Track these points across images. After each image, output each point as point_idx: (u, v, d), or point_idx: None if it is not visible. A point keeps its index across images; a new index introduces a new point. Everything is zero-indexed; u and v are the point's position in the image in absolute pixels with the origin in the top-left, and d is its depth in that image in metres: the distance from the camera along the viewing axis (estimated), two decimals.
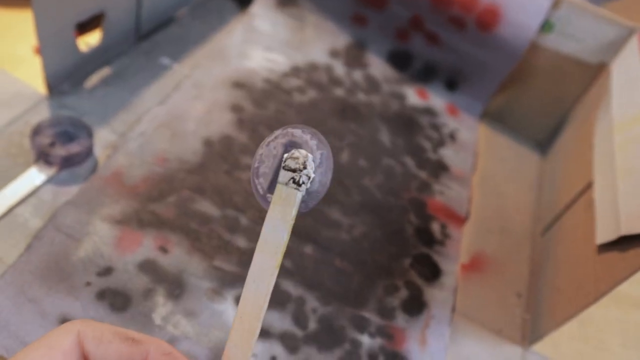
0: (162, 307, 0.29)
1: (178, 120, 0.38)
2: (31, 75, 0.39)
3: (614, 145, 0.35)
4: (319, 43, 0.48)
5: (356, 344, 0.31)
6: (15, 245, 0.30)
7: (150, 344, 0.20)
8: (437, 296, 0.35)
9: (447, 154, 0.44)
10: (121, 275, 0.29)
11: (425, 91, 0.49)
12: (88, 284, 0.29)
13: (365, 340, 0.31)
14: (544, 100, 0.47)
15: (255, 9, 0.49)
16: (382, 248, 0.36)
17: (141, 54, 0.43)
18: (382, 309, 0.33)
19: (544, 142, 0.49)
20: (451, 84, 0.49)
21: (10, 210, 0.31)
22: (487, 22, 0.44)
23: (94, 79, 0.40)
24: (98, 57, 0.41)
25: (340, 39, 0.49)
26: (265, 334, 0.29)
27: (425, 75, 0.49)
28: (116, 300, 0.28)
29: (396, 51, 0.49)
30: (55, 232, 0.30)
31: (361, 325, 0.31)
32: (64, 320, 0.27)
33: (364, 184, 0.39)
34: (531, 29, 0.43)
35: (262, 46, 0.46)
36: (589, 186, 0.37)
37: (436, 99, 0.48)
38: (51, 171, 0.33)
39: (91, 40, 0.43)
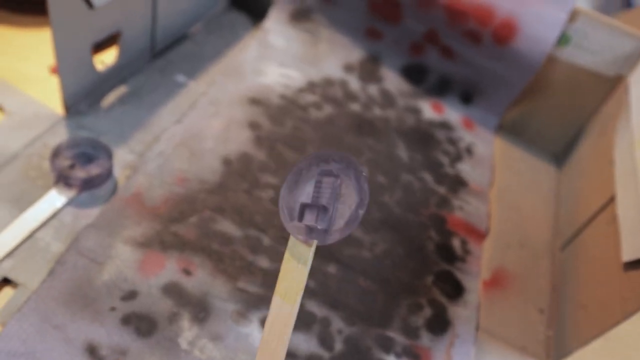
0: (187, 331, 0.28)
1: (196, 138, 0.38)
2: (48, 96, 0.39)
3: (637, 159, 0.35)
4: (333, 58, 0.48)
5: None
6: (37, 271, 0.29)
7: None
8: (460, 314, 0.34)
9: (465, 168, 0.44)
10: (145, 299, 0.29)
11: (441, 105, 0.48)
12: (113, 309, 0.28)
13: None
14: (559, 113, 0.47)
15: (268, 24, 0.49)
16: (404, 265, 0.35)
17: (156, 71, 0.43)
18: (407, 328, 0.32)
19: (559, 155, 0.49)
20: (466, 98, 0.48)
21: (32, 234, 0.31)
22: (504, 35, 0.44)
23: (110, 98, 0.40)
24: (114, 76, 0.41)
25: (355, 54, 0.49)
26: (291, 356, 0.29)
27: (440, 88, 0.49)
28: (142, 325, 0.28)
29: (411, 65, 0.49)
30: (78, 257, 0.30)
31: (387, 346, 0.31)
32: (89, 346, 0.27)
33: (384, 200, 0.39)
34: (548, 43, 0.43)
35: (277, 62, 0.46)
36: (610, 201, 0.36)
37: (451, 113, 0.48)
38: (71, 193, 0.33)
39: (106, 58, 0.43)
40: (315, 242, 0.21)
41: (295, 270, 0.21)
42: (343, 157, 0.21)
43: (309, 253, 0.21)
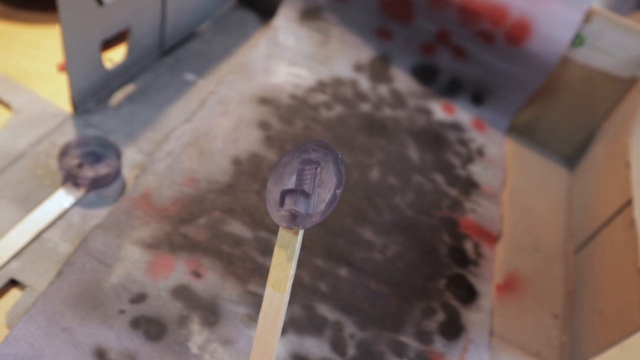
0: (197, 335, 0.28)
1: (205, 138, 0.38)
2: (55, 94, 0.38)
3: None
4: (343, 57, 0.48)
5: None
6: (45, 272, 0.29)
7: None
8: (474, 319, 0.34)
9: (476, 170, 0.43)
10: (155, 301, 0.29)
11: (451, 105, 0.48)
12: (122, 311, 0.28)
13: None
14: (572, 115, 0.47)
15: (278, 22, 0.48)
16: (416, 268, 0.35)
17: (165, 69, 0.43)
18: (420, 332, 0.32)
19: (571, 157, 0.48)
20: (477, 99, 0.48)
21: (39, 235, 0.30)
22: (517, 36, 0.43)
23: (118, 96, 0.40)
24: (122, 74, 0.40)
25: (365, 53, 0.48)
26: None
27: (451, 89, 0.48)
28: (151, 329, 0.28)
29: (421, 65, 0.48)
30: (86, 258, 0.29)
31: (400, 351, 0.31)
32: (98, 350, 0.26)
33: (395, 202, 0.38)
34: (562, 43, 0.42)
35: (287, 61, 0.46)
36: (627, 204, 0.36)
37: (462, 114, 0.47)
38: (79, 193, 0.33)
39: (114, 56, 0.42)
40: (300, 229, 0.22)
41: (284, 259, 0.22)
42: (321, 144, 0.22)
43: (295, 240, 0.22)
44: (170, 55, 0.44)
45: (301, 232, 0.22)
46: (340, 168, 0.21)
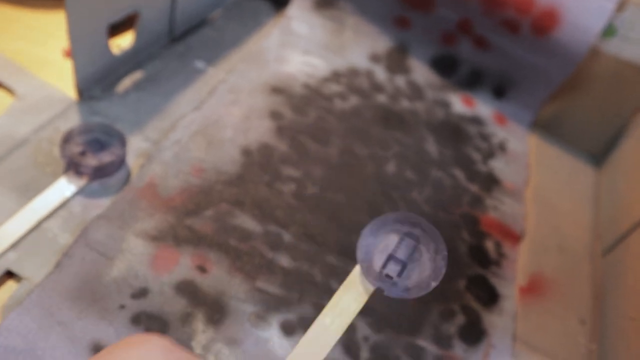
0: (202, 333, 0.26)
1: (214, 127, 0.36)
2: (61, 80, 0.37)
3: None
4: (359, 47, 0.46)
5: None
6: (43, 264, 0.27)
7: None
8: (496, 323, 0.32)
9: (498, 166, 0.41)
10: (157, 297, 0.27)
11: (471, 98, 0.46)
12: (122, 307, 0.26)
13: None
14: (600, 110, 0.44)
15: (291, 11, 0.47)
16: None
17: (174, 57, 0.41)
18: (438, 336, 0.30)
19: (598, 154, 0.46)
20: (499, 92, 0.46)
21: (39, 224, 0.29)
22: (544, 25, 0.41)
23: (125, 83, 0.38)
24: (130, 60, 0.39)
25: (381, 43, 0.46)
26: None
27: (471, 81, 0.46)
28: (152, 326, 0.26)
29: (441, 56, 0.46)
30: (87, 249, 0.28)
31: (417, 355, 0.29)
32: (95, 347, 0.25)
33: (412, 197, 0.36)
34: (592, 33, 0.40)
35: (300, 50, 0.44)
36: None
37: (483, 107, 0.45)
38: (82, 182, 0.31)
39: (122, 42, 0.41)
40: (375, 289, 0.23)
41: (350, 303, 0.23)
42: (431, 228, 0.23)
43: (366, 295, 0.23)
44: (180, 42, 0.43)
45: (374, 290, 0.23)
46: (439, 262, 0.22)
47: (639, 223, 0.35)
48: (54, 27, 0.41)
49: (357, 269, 0.23)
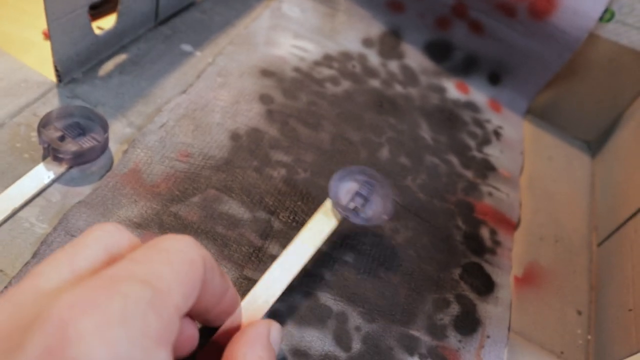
0: None
1: (202, 111, 0.35)
2: (41, 62, 0.35)
3: None
4: (352, 31, 0.44)
5: None
6: (19, 255, 0.26)
7: (230, 284, 0.22)
8: (491, 312, 0.31)
9: (493, 152, 0.40)
10: None
11: (466, 85, 0.45)
12: None
13: None
14: (597, 97, 0.43)
15: None
16: (429, 256, 0.32)
17: (160, 40, 0.40)
18: (433, 326, 0.29)
19: (594, 142, 0.45)
20: (494, 78, 0.45)
21: (14, 213, 0.27)
22: (542, 9, 0.40)
23: (108, 66, 0.37)
24: (114, 43, 0.37)
25: (374, 27, 0.45)
26: (303, 356, 0.26)
27: (466, 67, 0.45)
28: None
29: (435, 41, 0.45)
30: (66, 237, 0.27)
31: (411, 346, 0.28)
32: None
33: (406, 184, 0.35)
34: (591, 18, 0.39)
35: (291, 33, 0.43)
36: None
37: (477, 94, 0.44)
38: (61, 168, 0.30)
39: (105, 24, 0.39)
40: (343, 219, 0.27)
41: (324, 223, 0.27)
42: (383, 179, 0.29)
43: (336, 220, 0.27)
44: (166, 25, 0.41)
45: (341, 218, 0.27)
46: (387, 201, 0.29)
47: (635, 213, 0.34)
48: (35, 8, 0.40)
49: (328, 202, 0.28)
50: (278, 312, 0.27)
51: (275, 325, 0.23)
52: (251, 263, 0.28)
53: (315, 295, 0.28)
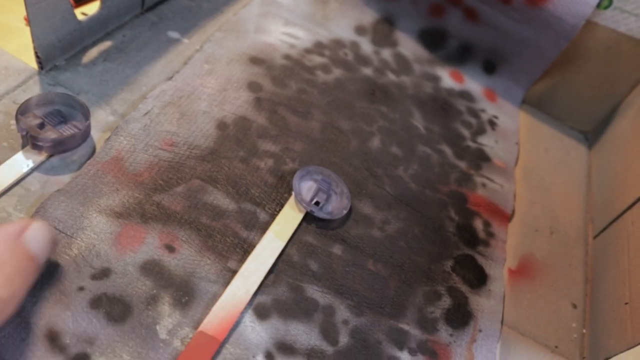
0: (167, 317, 0.24)
1: (188, 98, 0.34)
2: (22, 49, 0.34)
3: None
4: (344, 18, 0.43)
5: None
6: None
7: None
8: (484, 305, 0.30)
9: (488, 142, 0.39)
10: (120, 278, 0.25)
11: (460, 74, 0.44)
12: (81, 289, 0.24)
13: (406, 357, 0.26)
14: (594, 86, 0.42)
15: None
16: (420, 248, 0.31)
17: (146, 27, 0.39)
18: (423, 320, 0.28)
19: (591, 133, 0.44)
20: (489, 67, 0.44)
21: None
22: None
23: (92, 53, 0.36)
24: (97, 29, 0.36)
25: (367, 15, 0.44)
26: (288, 350, 0.25)
27: (460, 56, 0.44)
28: (113, 309, 0.24)
29: (429, 29, 0.44)
30: None
31: (400, 340, 0.27)
32: (50, 332, 0.23)
33: (398, 174, 0.34)
34: (588, 5, 0.38)
35: (282, 20, 0.42)
36: None
37: (472, 83, 0.43)
38: (40, 157, 0.29)
39: (90, 11, 0.38)
40: (307, 212, 0.30)
41: (292, 217, 0.29)
42: (338, 178, 0.32)
43: (301, 214, 0.30)
44: (152, 12, 0.40)
45: (305, 212, 0.30)
46: (344, 198, 0.31)
47: (632, 204, 0.34)
48: None
49: (293, 197, 0.30)
50: (263, 306, 0.26)
51: (36, 225, 0.22)
52: (236, 254, 0.27)
53: (302, 288, 0.27)
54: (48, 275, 0.24)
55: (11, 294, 0.20)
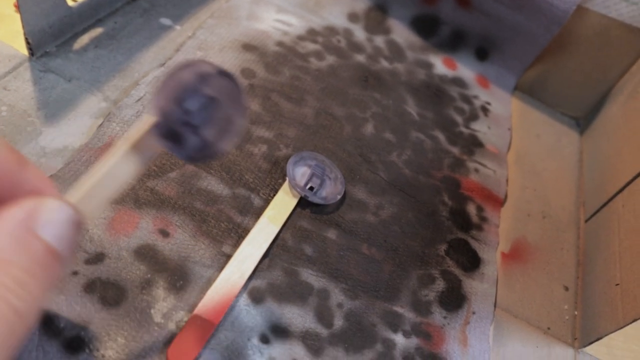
0: (162, 301, 0.24)
1: None
2: (13, 36, 0.34)
3: None
4: (337, 5, 0.43)
5: (389, 345, 0.26)
6: None
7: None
8: (477, 288, 0.30)
9: (480, 128, 0.40)
10: (114, 263, 0.25)
11: (453, 61, 0.44)
12: (75, 273, 0.24)
13: (400, 340, 0.27)
14: (585, 72, 0.43)
15: None
16: (414, 232, 0.31)
17: (139, 13, 0.38)
18: (417, 303, 0.28)
19: (582, 118, 0.45)
20: (482, 53, 0.44)
21: None
22: None
23: (84, 40, 0.35)
24: (89, 15, 0.36)
25: (360, 2, 0.44)
26: (283, 333, 0.25)
27: (452, 43, 0.44)
28: (108, 294, 0.24)
29: (421, 16, 0.44)
30: None
31: (394, 323, 0.27)
32: (45, 317, 0.23)
33: (391, 159, 0.34)
34: None
35: (274, 7, 0.41)
36: None
37: (465, 70, 0.43)
38: None
39: None
40: (301, 196, 0.30)
41: (286, 202, 0.29)
42: (332, 164, 0.32)
43: (296, 199, 0.30)
44: None
45: (299, 196, 0.30)
46: (338, 183, 0.31)
47: (622, 187, 0.34)
48: None
49: (287, 182, 0.30)
50: (257, 290, 0.26)
51: (50, 205, 0.16)
52: (230, 239, 0.27)
53: (297, 272, 0.27)
54: None
55: (26, 302, 0.14)
